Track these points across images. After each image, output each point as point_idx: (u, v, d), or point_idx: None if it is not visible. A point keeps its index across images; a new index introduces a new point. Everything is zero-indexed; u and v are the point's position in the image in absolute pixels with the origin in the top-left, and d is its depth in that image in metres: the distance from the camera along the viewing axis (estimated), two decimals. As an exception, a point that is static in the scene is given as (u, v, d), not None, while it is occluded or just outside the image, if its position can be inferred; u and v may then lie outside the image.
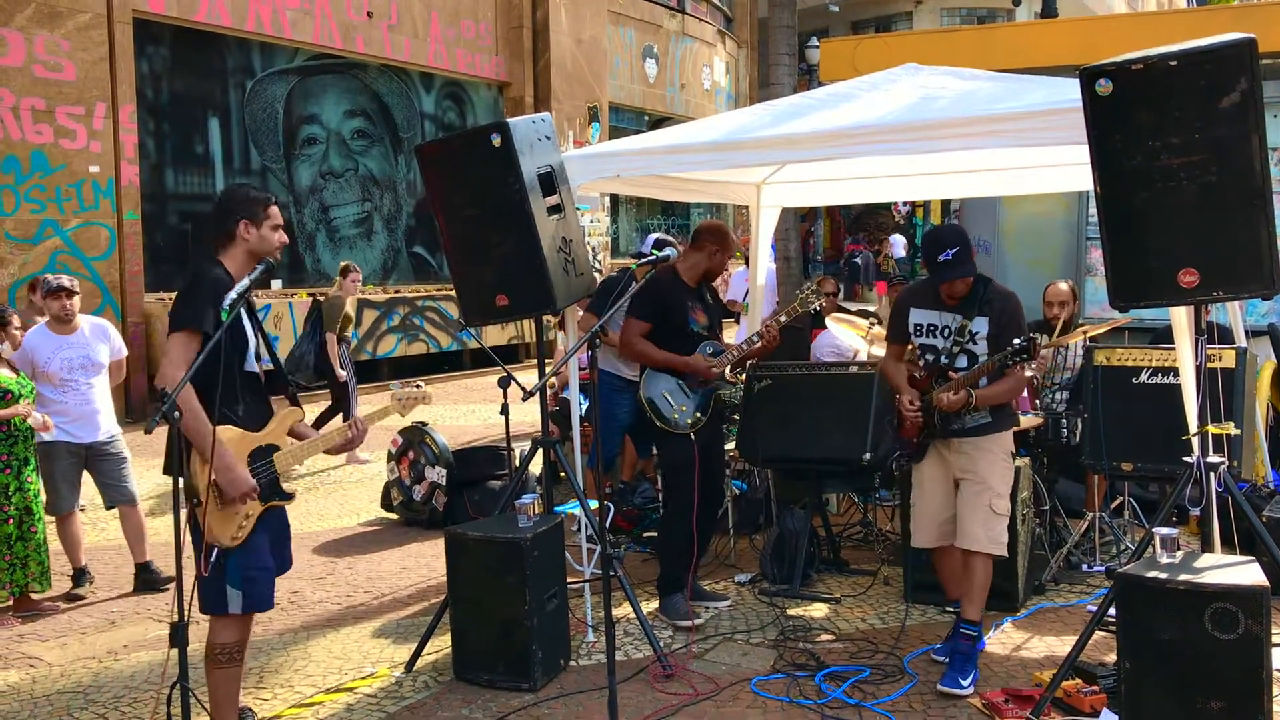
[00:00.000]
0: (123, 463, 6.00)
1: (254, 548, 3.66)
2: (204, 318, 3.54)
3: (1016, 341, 4.19)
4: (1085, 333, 6.01)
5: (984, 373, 4.32)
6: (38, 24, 10.65)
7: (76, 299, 5.87)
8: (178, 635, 3.40)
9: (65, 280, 5.87)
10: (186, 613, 3.42)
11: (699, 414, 5.10)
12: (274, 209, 3.85)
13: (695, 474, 5.04)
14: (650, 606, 5.27)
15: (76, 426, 5.81)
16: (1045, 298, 6.17)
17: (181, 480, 3.37)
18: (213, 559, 3.57)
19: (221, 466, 3.52)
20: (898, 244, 24.51)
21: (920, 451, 4.58)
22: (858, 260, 24.79)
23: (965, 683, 4.22)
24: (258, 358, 3.80)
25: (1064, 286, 6.21)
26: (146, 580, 5.95)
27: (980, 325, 4.40)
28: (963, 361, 4.43)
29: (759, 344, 5.24)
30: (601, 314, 4.80)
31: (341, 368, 9.00)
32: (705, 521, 5.30)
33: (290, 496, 3.81)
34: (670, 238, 6.66)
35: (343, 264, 9.30)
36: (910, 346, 4.76)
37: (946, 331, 4.49)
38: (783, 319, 5.29)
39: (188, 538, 3.37)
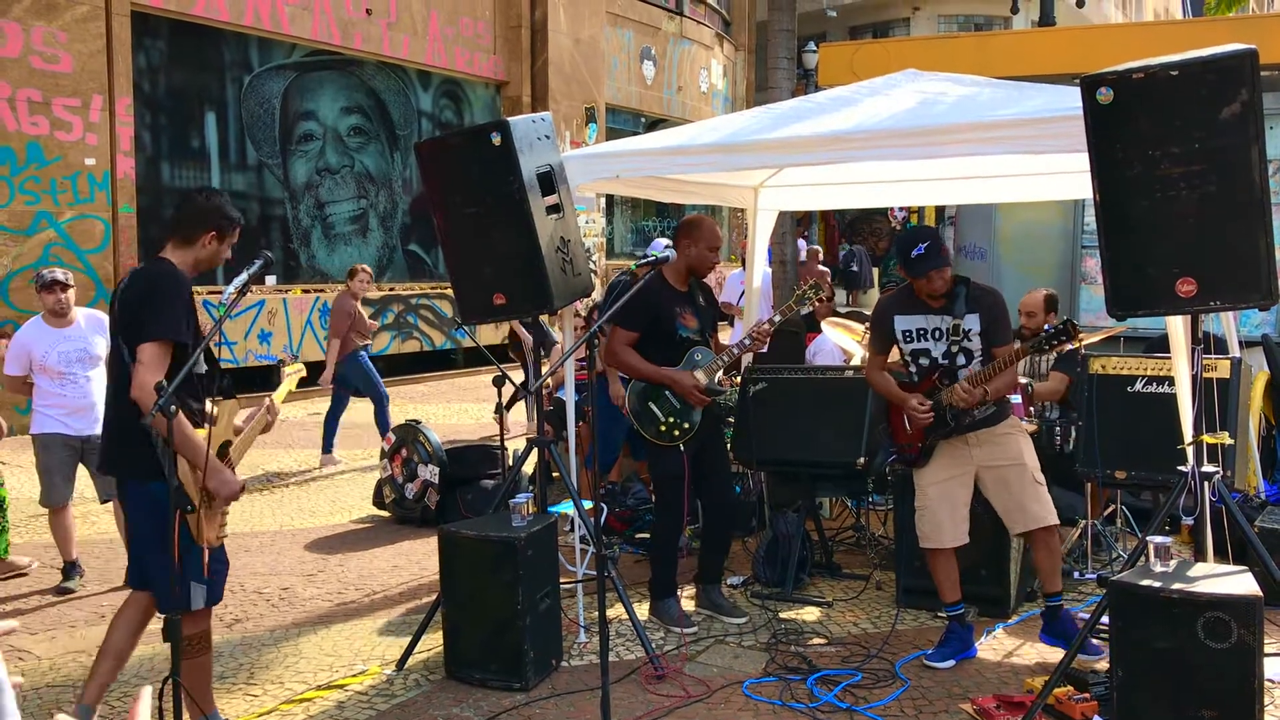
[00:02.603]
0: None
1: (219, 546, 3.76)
2: (180, 329, 3.60)
3: (1047, 328, 4.27)
4: (1080, 341, 6.03)
5: (1017, 359, 4.36)
6: (35, 15, 10.61)
7: (71, 292, 5.85)
8: (171, 630, 3.40)
9: (59, 273, 5.85)
10: (180, 607, 3.42)
11: (687, 425, 5.05)
12: (238, 229, 3.89)
13: (685, 485, 5.02)
14: (643, 608, 5.27)
15: (75, 419, 5.79)
16: (1019, 306, 6.26)
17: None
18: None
19: (213, 470, 3.57)
20: (802, 247, 24.57)
21: (925, 455, 4.59)
22: (855, 268, 24.78)
23: (1099, 645, 4.40)
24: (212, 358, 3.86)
25: (1038, 296, 6.31)
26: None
27: (972, 322, 4.47)
28: (961, 360, 4.48)
29: (749, 347, 5.22)
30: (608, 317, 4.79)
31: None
32: (719, 526, 5.28)
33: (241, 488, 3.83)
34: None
35: None
36: (898, 357, 4.78)
37: (938, 333, 4.52)
38: (776, 319, 5.28)
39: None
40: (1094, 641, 4.42)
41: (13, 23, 10.43)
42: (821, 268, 13.05)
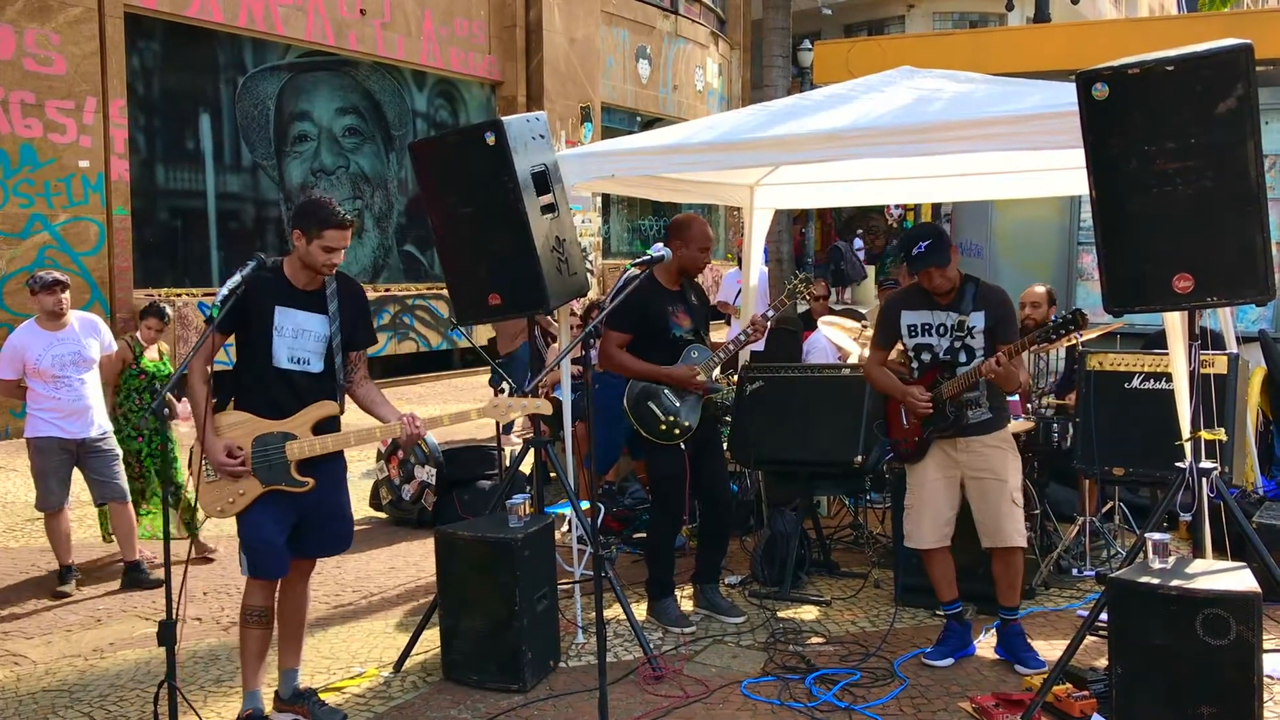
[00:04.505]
0: (114, 459, 5.97)
1: (254, 523, 3.89)
2: (218, 318, 3.84)
3: (1054, 317, 4.21)
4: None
5: (1028, 347, 4.33)
6: (28, 17, 10.57)
7: (69, 293, 5.85)
8: (165, 634, 3.39)
9: (57, 274, 5.84)
10: (175, 611, 3.42)
11: (687, 424, 5.03)
12: (332, 232, 3.87)
13: (686, 484, 5.01)
14: (641, 608, 5.25)
15: (69, 422, 5.78)
16: (1019, 299, 6.24)
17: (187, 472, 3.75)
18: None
19: (207, 439, 3.83)
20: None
21: (920, 451, 4.59)
22: (843, 266, 24.68)
23: (1039, 656, 4.45)
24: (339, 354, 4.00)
25: (1039, 290, 6.32)
26: (135, 579, 5.92)
27: (977, 320, 4.46)
28: (963, 357, 4.47)
29: (745, 340, 5.21)
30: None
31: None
32: (716, 526, 5.27)
33: (301, 484, 3.91)
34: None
35: None
36: (898, 351, 4.77)
37: (943, 329, 4.52)
38: (770, 314, 5.27)
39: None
40: (1035, 655, 4.48)
41: (5, 25, 10.40)
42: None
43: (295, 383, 3.93)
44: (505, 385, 5.08)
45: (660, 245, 5.29)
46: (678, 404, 5.02)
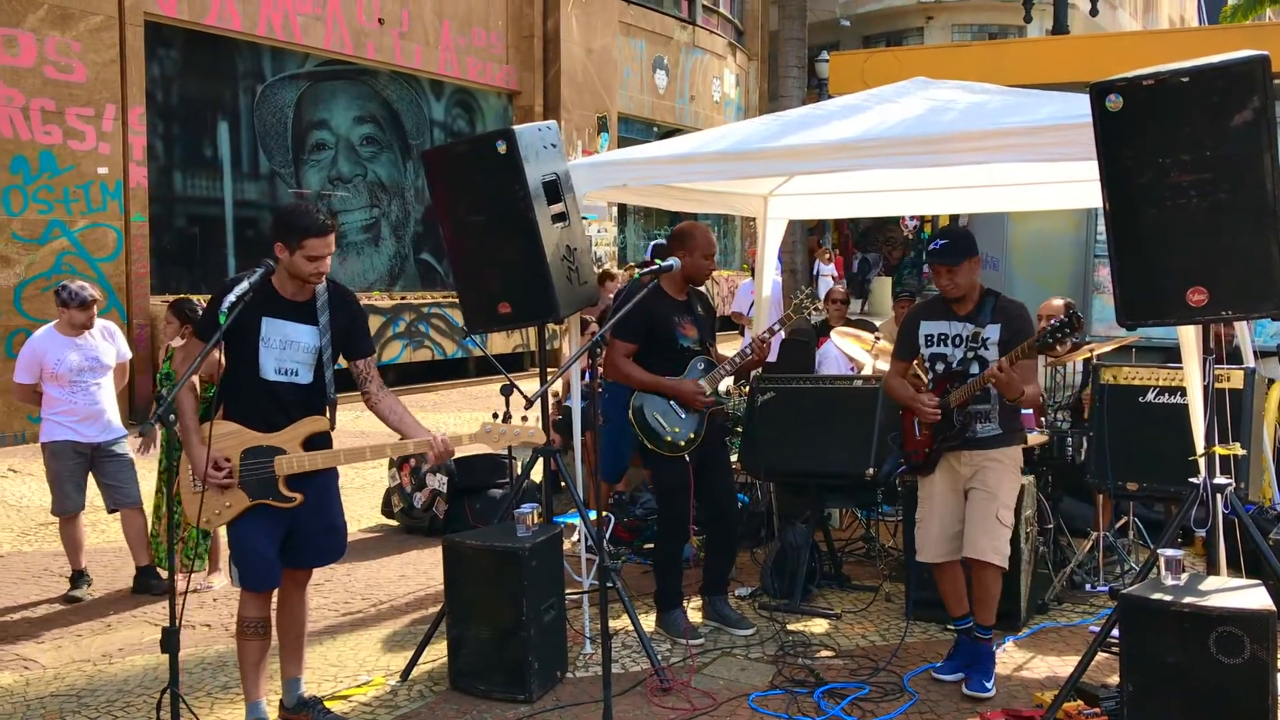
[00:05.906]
0: (128, 465, 5.99)
1: (244, 534, 3.91)
2: (203, 328, 3.92)
3: (1053, 320, 4.09)
4: (1091, 350, 5.99)
5: (1024, 353, 4.26)
6: (49, 25, 10.66)
7: (97, 306, 5.92)
8: (169, 641, 3.39)
9: (92, 291, 5.88)
10: (179, 618, 3.42)
11: (692, 435, 5.01)
12: (313, 241, 3.77)
13: (690, 494, 4.99)
14: (650, 619, 5.23)
15: (85, 426, 5.81)
16: (1037, 313, 6.19)
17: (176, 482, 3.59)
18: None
19: (188, 452, 3.86)
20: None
21: (930, 463, 4.55)
22: (869, 279, 24.67)
23: (989, 685, 4.35)
24: (323, 367, 3.96)
25: (1057, 303, 6.26)
26: (145, 585, 5.92)
27: (992, 332, 4.44)
28: (975, 368, 4.44)
29: (751, 356, 5.17)
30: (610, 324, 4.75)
31: None
32: (724, 536, 5.25)
33: (289, 500, 3.88)
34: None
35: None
36: (916, 362, 4.74)
37: (959, 340, 4.50)
38: (776, 328, 5.24)
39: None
40: (985, 683, 4.37)
41: (27, 33, 10.49)
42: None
43: (282, 395, 3.88)
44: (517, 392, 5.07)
45: (655, 244, 5.22)
46: (681, 415, 4.99)
